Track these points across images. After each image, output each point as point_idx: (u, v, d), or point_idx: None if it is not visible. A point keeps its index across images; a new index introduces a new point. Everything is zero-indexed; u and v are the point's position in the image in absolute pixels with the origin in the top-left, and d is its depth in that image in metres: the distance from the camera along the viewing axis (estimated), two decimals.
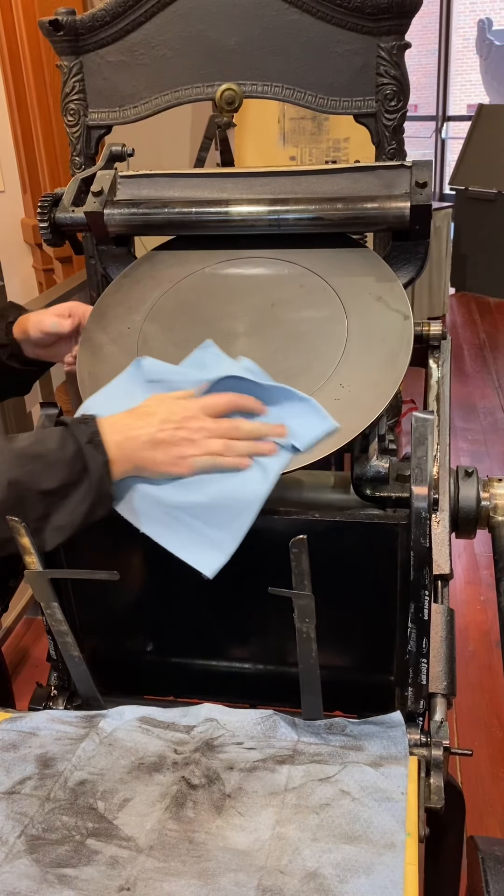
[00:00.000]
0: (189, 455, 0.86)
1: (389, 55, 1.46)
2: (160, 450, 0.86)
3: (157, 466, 0.86)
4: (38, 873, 0.75)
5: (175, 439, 0.86)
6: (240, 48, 1.51)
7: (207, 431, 0.87)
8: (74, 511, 0.84)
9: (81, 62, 1.56)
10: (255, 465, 0.88)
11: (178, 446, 0.86)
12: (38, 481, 0.83)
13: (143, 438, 0.86)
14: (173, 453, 0.86)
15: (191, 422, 0.87)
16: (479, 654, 2.37)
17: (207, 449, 0.86)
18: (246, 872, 0.74)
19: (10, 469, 0.82)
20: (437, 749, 0.91)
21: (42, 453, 0.84)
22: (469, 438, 3.71)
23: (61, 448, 0.84)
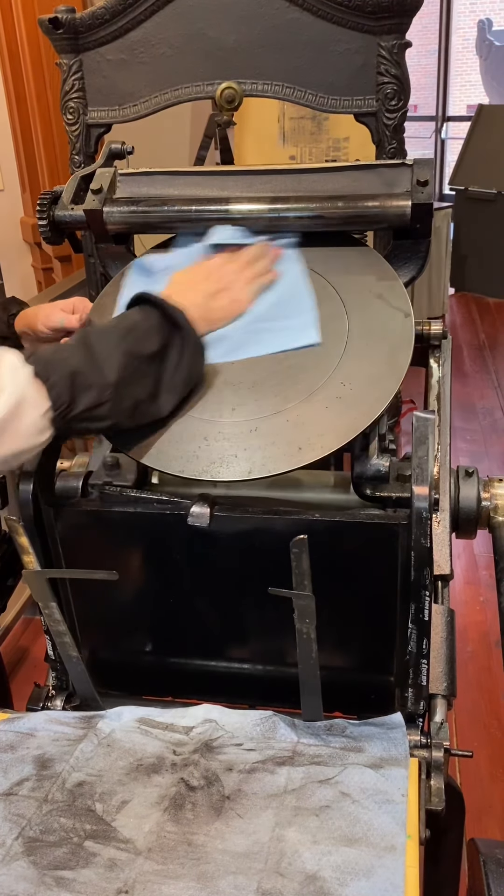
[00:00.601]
0: (240, 289, 1.02)
1: (390, 54, 1.45)
2: (220, 297, 1.01)
3: (225, 311, 1.01)
4: (35, 875, 0.74)
5: (224, 284, 1.02)
6: (240, 47, 1.50)
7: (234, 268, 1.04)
8: (179, 366, 0.94)
9: (81, 60, 1.55)
10: None
11: (228, 289, 1.02)
12: (141, 348, 0.91)
13: (202, 295, 1.00)
14: (230, 294, 1.01)
15: (220, 270, 1.04)
16: (478, 654, 2.37)
17: (245, 276, 1.03)
18: (245, 875, 0.73)
19: (118, 343, 0.90)
20: (437, 751, 0.90)
21: (132, 325, 0.93)
22: (468, 439, 3.71)
23: (146, 318, 0.94)
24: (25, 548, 0.85)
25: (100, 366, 0.88)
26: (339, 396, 0.95)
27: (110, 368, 0.88)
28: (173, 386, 0.94)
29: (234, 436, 0.95)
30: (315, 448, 0.92)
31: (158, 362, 0.92)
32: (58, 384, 0.86)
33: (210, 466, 0.94)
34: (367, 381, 0.96)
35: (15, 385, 0.83)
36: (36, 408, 0.84)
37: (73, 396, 0.86)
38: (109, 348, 0.90)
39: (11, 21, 2.90)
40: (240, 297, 1.01)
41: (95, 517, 1.02)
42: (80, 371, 0.87)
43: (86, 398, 0.87)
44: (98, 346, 0.90)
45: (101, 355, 0.89)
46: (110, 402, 0.89)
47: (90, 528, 1.04)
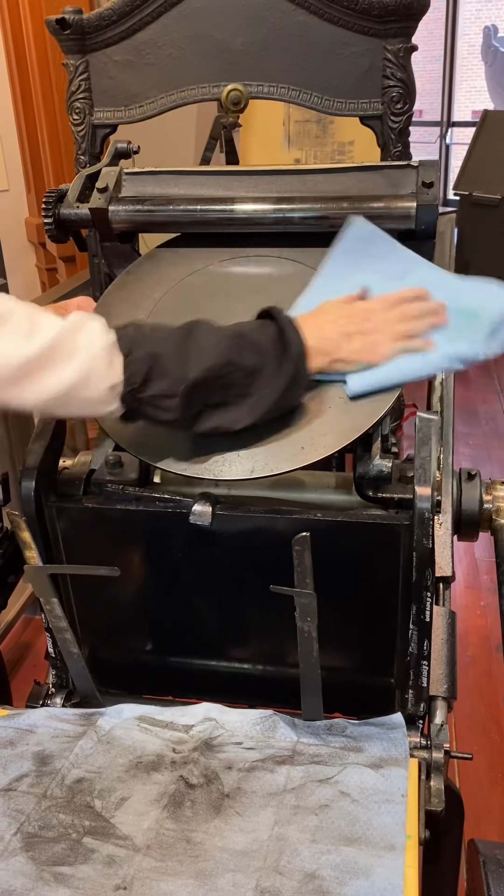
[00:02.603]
0: (381, 341, 0.93)
1: (396, 57, 1.45)
2: (353, 341, 0.93)
3: (354, 355, 0.93)
4: (33, 871, 0.74)
5: (365, 329, 0.93)
6: (246, 49, 1.50)
7: (387, 318, 0.94)
8: (275, 390, 0.89)
9: (88, 61, 1.56)
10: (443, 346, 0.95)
11: (369, 335, 0.93)
12: (243, 356, 0.87)
13: (336, 332, 0.93)
14: (367, 341, 0.93)
15: (373, 314, 0.95)
16: (478, 659, 2.36)
17: (395, 332, 0.93)
18: (244, 873, 0.73)
19: (217, 343, 0.87)
20: (437, 752, 0.90)
21: (245, 332, 0.90)
22: (470, 443, 3.71)
23: (262, 331, 0.90)
24: (28, 543, 0.85)
25: (186, 359, 0.86)
26: (341, 397, 0.95)
27: (196, 365, 0.86)
28: (256, 407, 0.89)
29: (237, 435, 0.95)
30: (317, 448, 0.92)
31: (250, 378, 0.88)
32: (136, 362, 0.84)
33: (212, 465, 0.94)
34: None
35: (87, 353, 0.82)
36: (106, 380, 0.83)
37: (146, 378, 0.85)
38: (207, 345, 0.87)
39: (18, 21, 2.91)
40: (377, 349, 0.93)
41: (97, 515, 1.02)
42: (165, 356, 0.85)
43: (157, 385, 0.85)
44: (198, 338, 0.88)
45: (195, 349, 0.87)
46: (180, 398, 0.86)
47: (92, 525, 1.04)
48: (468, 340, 0.94)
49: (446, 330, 0.94)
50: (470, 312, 0.95)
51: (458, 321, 0.95)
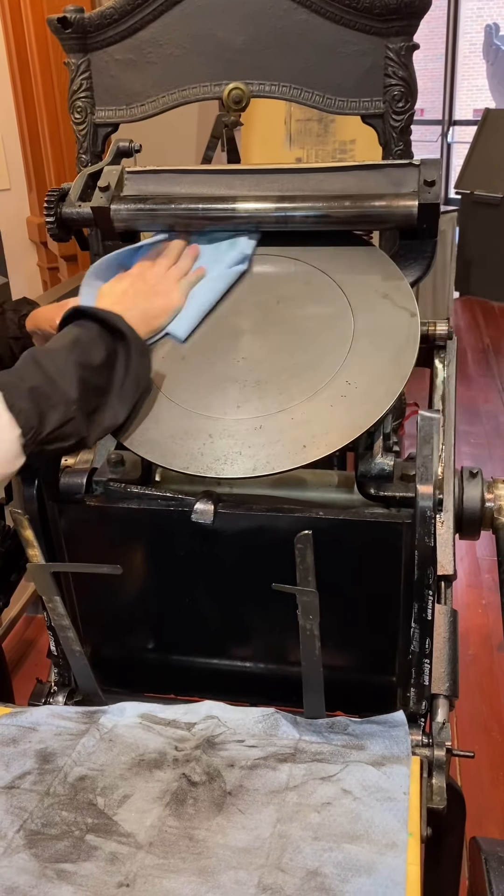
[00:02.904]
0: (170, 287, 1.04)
1: (398, 56, 1.45)
2: (153, 298, 1.02)
3: (163, 308, 1.02)
4: (36, 868, 0.74)
5: (151, 288, 1.03)
6: (248, 48, 1.50)
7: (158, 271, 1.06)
8: (129, 372, 0.93)
9: (89, 60, 1.56)
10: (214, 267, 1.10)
11: (158, 290, 1.03)
12: (90, 359, 0.91)
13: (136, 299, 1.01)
14: (161, 293, 1.03)
15: (150, 270, 1.06)
16: (479, 658, 2.37)
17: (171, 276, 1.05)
18: (246, 870, 0.73)
19: (66, 358, 0.89)
20: (439, 750, 0.90)
21: (75, 339, 0.92)
22: (472, 442, 3.71)
23: (87, 330, 0.93)
24: (30, 541, 0.85)
25: (57, 382, 0.87)
26: (343, 395, 0.95)
27: (69, 384, 0.87)
28: (125, 393, 0.93)
29: (239, 433, 0.95)
30: (319, 446, 0.92)
31: (108, 371, 0.92)
32: (23, 408, 0.84)
33: (214, 463, 0.94)
34: (372, 380, 0.97)
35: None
36: (7, 434, 0.83)
37: (40, 418, 0.85)
38: (60, 364, 0.88)
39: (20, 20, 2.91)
40: (172, 295, 1.03)
41: (99, 513, 1.02)
42: (41, 390, 0.86)
43: (53, 417, 0.86)
44: (48, 363, 0.88)
45: (55, 372, 0.88)
46: (77, 419, 0.88)
47: (94, 523, 1.04)
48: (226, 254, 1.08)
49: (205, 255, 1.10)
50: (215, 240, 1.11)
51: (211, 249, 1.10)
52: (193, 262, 1.08)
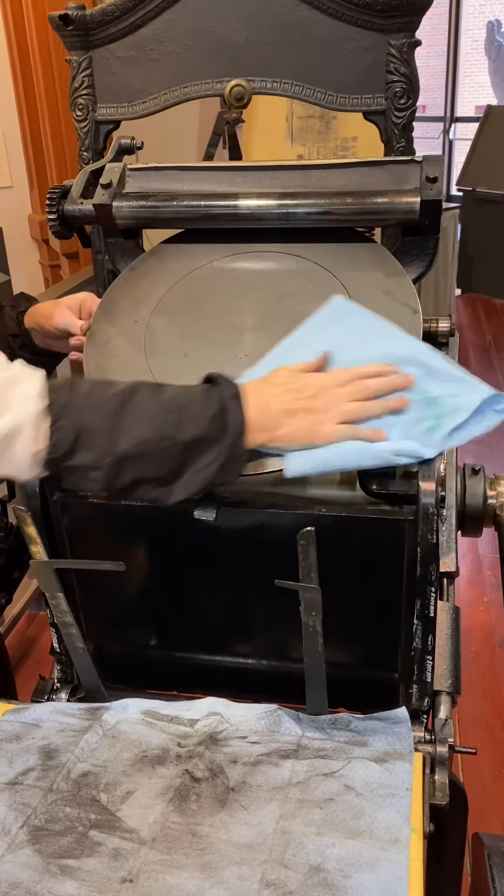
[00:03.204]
0: (326, 422, 0.86)
1: (399, 52, 1.45)
2: (297, 419, 0.86)
3: (294, 434, 0.86)
4: (40, 864, 0.75)
5: (311, 406, 0.86)
6: (249, 44, 1.50)
7: (341, 397, 0.87)
8: (208, 468, 0.84)
9: (91, 57, 1.56)
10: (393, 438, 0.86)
11: (314, 413, 0.86)
12: (178, 431, 0.83)
13: (280, 407, 0.86)
14: (311, 420, 0.86)
15: (325, 391, 0.87)
16: (482, 655, 2.37)
17: (343, 412, 0.86)
18: (249, 866, 0.73)
19: (154, 415, 0.83)
20: (441, 746, 0.91)
21: (186, 404, 0.84)
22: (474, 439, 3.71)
23: (205, 403, 0.84)
24: (33, 538, 0.86)
25: (117, 430, 0.82)
26: None
27: (126, 439, 0.82)
28: (191, 482, 0.84)
29: None
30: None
31: (188, 452, 0.83)
32: (63, 430, 0.81)
33: None
34: None
35: (19, 412, 0.79)
36: (31, 444, 0.80)
37: (72, 449, 0.81)
38: (143, 416, 0.83)
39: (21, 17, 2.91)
40: (319, 430, 0.86)
41: (102, 510, 1.02)
42: (94, 427, 0.81)
43: (83, 455, 0.81)
44: (135, 408, 0.83)
45: (128, 420, 0.82)
46: (105, 470, 0.82)
47: (97, 520, 1.04)
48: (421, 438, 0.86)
49: (403, 416, 0.87)
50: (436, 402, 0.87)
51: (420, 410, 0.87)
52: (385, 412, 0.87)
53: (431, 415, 0.86)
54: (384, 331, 0.93)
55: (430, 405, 0.87)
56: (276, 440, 0.86)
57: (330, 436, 0.86)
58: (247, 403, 0.85)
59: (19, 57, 3.00)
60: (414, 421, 0.87)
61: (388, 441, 0.86)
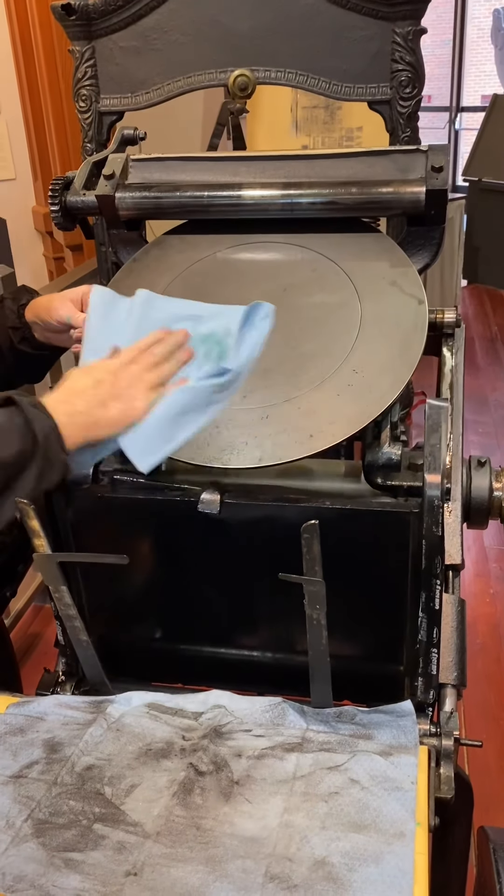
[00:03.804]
0: (137, 397, 0.89)
1: (405, 41, 1.43)
2: (110, 406, 0.89)
3: (114, 421, 0.89)
4: (44, 857, 0.75)
5: (117, 390, 0.89)
6: (253, 34, 1.49)
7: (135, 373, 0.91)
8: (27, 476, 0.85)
9: (94, 47, 1.55)
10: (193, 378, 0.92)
11: (122, 395, 0.89)
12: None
13: (85, 404, 0.88)
14: (123, 401, 0.89)
15: (120, 371, 0.91)
16: (487, 647, 2.36)
17: (146, 383, 0.90)
18: (253, 859, 0.73)
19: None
20: (447, 739, 0.90)
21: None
22: (480, 431, 3.69)
23: (9, 419, 0.85)
24: (37, 531, 0.85)
25: None
26: (350, 384, 0.95)
27: None
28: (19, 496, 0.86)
29: (245, 423, 0.95)
30: (326, 436, 0.92)
31: (10, 469, 0.84)
32: None
33: (220, 454, 0.94)
34: (380, 369, 0.96)
35: None
36: None
37: None
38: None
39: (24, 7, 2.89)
40: (135, 405, 0.89)
41: (106, 503, 1.02)
42: None
43: None
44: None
45: None
46: None
47: (101, 514, 1.04)
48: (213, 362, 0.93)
49: (195, 361, 0.93)
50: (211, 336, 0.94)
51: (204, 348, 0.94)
52: (180, 366, 0.93)
53: (213, 346, 0.94)
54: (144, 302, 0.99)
55: (207, 339, 0.94)
56: (98, 432, 0.89)
57: (144, 406, 0.90)
58: (52, 409, 0.87)
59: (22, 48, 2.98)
60: (203, 358, 0.93)
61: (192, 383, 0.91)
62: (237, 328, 0.94)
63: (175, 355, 0.93)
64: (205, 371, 0.92)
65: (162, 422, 0.90)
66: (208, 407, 0.91)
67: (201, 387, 0.90)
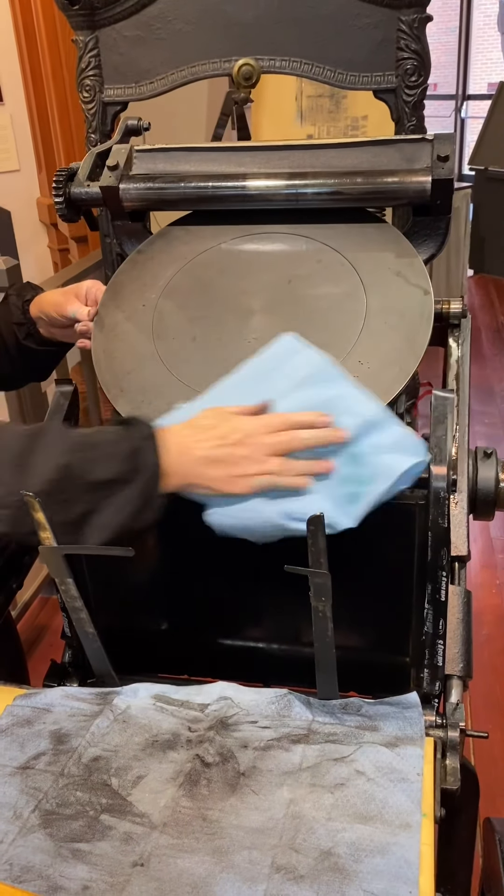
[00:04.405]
0: (247, 474, 0.82)
1: (410, 28, 1.42)
2: (217, 467, 0.82)
3: (212, 483, 0.83)
4: (52, 848, 0.75)
5: (234, 457, 0.82)
6: (257, 22, 1.48)
7: (267, 448, 0.83)
8: (120, 511, 0.81)
9: (97, 37, 1.54)
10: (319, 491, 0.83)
11: (236, 465, 0.82)
12: (88, 471, 0.80)
13: (200, 453, 0.82)
14: (231, 472, 0.82)
15: (250, 439, 0.83)
16: (493, 638, 2.36)
17: (266, 467, 0.82)
18: (260, 850, 0.73)
19: (63, 453, 0.80)
20: (453, 730, 0.90)
21: (97, 443, 0.82)
22: (486, 422, 3.68)
23: (116, 442, 0.81)
24: (42, 523, 0.85)
25: (25, 468, 0.79)
26: (355, 376, 0.94)
27: (33, 475, 0.78)
28: (104, 527, 0.82)
29: None
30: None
31: (97, 493, 0.80)
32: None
33: None
34: (385, 361, 0.96)
35: None
36: None
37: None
38: (52, 454, 0.80)
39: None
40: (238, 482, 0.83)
41: None
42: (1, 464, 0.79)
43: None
44: (44, 445, 0.81)
45: (37, 457, 0.79)
46: (13, 510, 0.79)
47: None
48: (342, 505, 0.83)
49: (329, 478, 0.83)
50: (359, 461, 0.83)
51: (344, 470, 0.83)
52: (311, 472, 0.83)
53: (354, 478, 0.83)
54: (328, 374, 0.88)
55: (355, 462, 0.83)
56: (194, 487, 0.84)
57: (246, 488, 0.82)
58: (165, 446, 0.82)
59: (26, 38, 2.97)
60: (338, 483, 0.84)
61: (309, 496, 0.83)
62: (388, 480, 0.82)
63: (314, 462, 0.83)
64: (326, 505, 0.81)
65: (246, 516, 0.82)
66: None
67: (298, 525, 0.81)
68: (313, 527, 0.81)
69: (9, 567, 1.22)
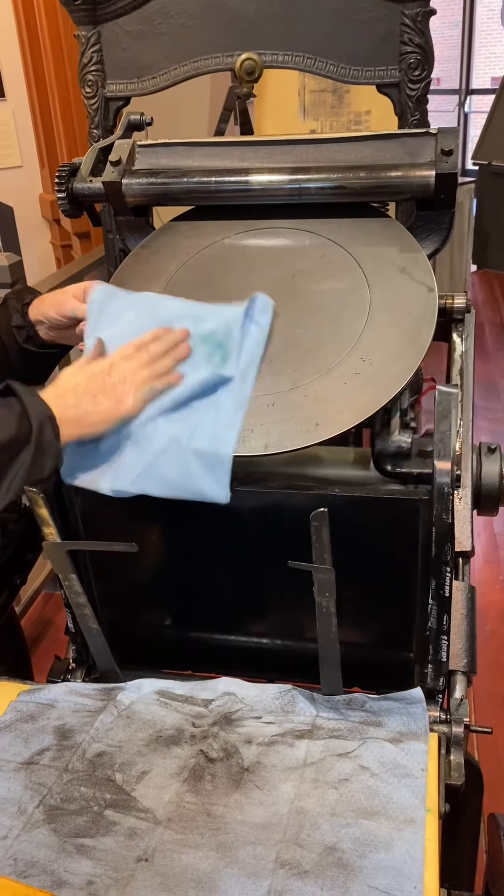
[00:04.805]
0: (127, 393, 0.92)
1: (414, 22, 1.42)
2: (100, 399, 0.91)
3: (105, 414, 0.91)
4: (56, 843, 0.75)
5: (109, 385, 0.92)
6: (260, 17, 1.47)
7: (129, 368, 0.93)
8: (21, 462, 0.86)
9: (99, 32, 1.54)
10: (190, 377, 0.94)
11: (114, 389, 0.91)
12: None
13: (81, 396, 0.90)
14: (114, 395, 0.91)
15: (114, 367, 0.93)
16: (497, 633, 2.36)
17: (138, 380, 0.92)
18: (264, 845, 0.74)
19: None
20: (457, 726, 0.90)
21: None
22: (489, 417, 3.68)
23: (7, 407, 0.87)
24: (46, 520, 0.85)
25: None
26: (357, 372, 0.94)
27: None
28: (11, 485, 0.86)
29: (251, 411, 0.94)
30: (332, 424, 0.91)
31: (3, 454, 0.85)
32: None
33: None
34: (388, 357, 0.95)
35: None
36: None
37: None
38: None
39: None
40: (125, 400, 0.92)
41: None
42: None
43: None
44: None
45: None
46: None
47: (110, 501, 1.03)
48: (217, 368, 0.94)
49: (194, 359, 0.95)
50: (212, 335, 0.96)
51: (205, 348, 0.95)
52: (176, 363, 0.95)
53: (214, 348, 0.95)
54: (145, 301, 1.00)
55: (208, 339, 0.96)
56: (90, 427, 0.91)
57: (136, 401, 0.92)
58: (48, 400, 0.88)
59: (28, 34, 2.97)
60: (203, 358, 0.95)
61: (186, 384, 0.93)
62: (239, 329, 0.94)
63: (171, 353, 0.95)
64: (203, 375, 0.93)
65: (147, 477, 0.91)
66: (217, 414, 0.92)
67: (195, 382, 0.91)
68: (317, 523, 0.81)
69: (12, 563, 1.22)
